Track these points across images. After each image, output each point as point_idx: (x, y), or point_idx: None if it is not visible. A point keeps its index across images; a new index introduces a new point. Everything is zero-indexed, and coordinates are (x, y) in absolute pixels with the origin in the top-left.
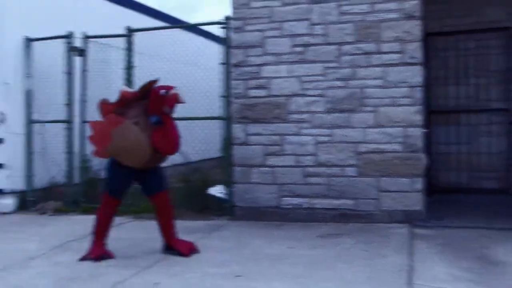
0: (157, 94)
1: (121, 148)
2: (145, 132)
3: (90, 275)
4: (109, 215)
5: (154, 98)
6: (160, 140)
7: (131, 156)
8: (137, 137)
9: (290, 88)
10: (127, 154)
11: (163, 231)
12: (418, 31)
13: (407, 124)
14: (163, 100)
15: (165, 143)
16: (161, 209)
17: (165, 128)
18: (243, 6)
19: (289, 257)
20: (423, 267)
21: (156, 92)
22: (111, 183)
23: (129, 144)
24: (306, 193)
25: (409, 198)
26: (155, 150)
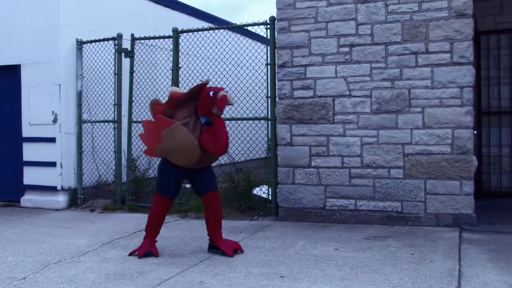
0: (207, 95)
1: (172, 149)
2: (194, 132)
3: (137, 272)
4: (160, 214)
5: (203, 99)
6: (209, 141)
7: (182, 156)
8: (186, 138)
9: (336, 88)
10: (178, 155)
11: (210, 230)
12: (469, 29)
13: (456, 125)
14: (212, 101)
15: (213, 144)
16: (210, 209)
17: (214, 129)
18: (288, 7)
19: (334, 259)
20: (473, 274)
21: (206, 93)
22: (162, 184)
23: (179, 145)
24: (352, 194)
25: (458, 201)
26: (204, 150)
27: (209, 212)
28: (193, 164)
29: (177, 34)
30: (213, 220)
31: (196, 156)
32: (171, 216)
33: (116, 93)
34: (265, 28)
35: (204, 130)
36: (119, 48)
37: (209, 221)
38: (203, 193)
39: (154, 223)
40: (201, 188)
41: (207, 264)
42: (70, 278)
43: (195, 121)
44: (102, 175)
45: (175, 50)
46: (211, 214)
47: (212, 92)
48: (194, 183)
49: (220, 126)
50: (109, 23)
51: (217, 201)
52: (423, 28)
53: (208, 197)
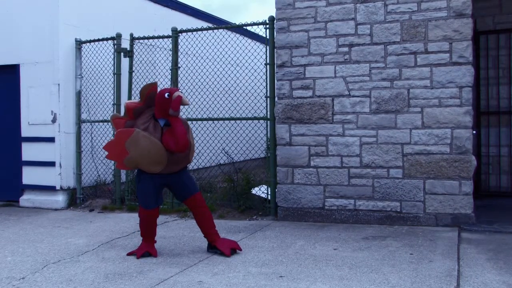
0: (162, 97)
1: (139, 157)
2: (155, 135)
3: (137, 272)
4: (150, 223)
5: (158, 102)
6: (169, 140)
7: (151, 162)
8: (148, 142)
9: (335, 88)
10: (147, 161)
11: (204, 232)
12: (468, 29)
13: (455, 125)
14: (167, 102)
15: (173, 143)
16: (197, 211)
17: (172, 128)
18: (287, 7)
19: (333, 259)
20: (472, 274)
21: (161, 95)
22: (142, 195)
23: (144, 151)
24: (351, 194)
25: (457, 201)
26: (169, 150)
27: (197, 215)
28: (165, 167)
29: (176, 34)
30: (204, 221)
31: (164, 158)
32: (170, 216)
33: (115, 93)
34: (264, 28)
35: (164, 132)
36: (118, 48)
37: (200, 223)
38: (185, 197)
39: (145, 230)
40: (182, 193)
41: (206, 264)
42: (69, 278)
43: (154, 124)
44: (101, 175)
45: (174, 50)
46: (200, 216)
47: (167, 93)
48: (174, 190)
49: (176, 124)
50: (108, 23)
51: (201, 202)
52: (422, 28)
53: (191, 200)
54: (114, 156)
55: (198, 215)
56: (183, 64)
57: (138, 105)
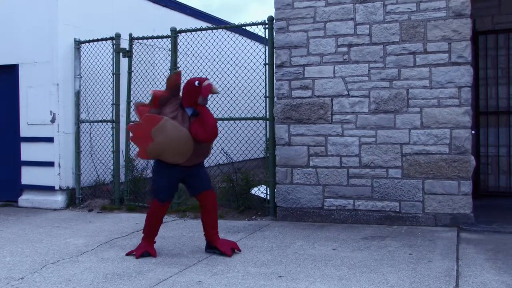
0: (191, 86)
1: (165, 146)
2: (184, 124)
3: (136, 272)
4: (158, 218)
5: (187, 90)
6: (199, 129)
7: (175, 151)
8: (177, 131)
9: (334, 88)
10: (171, 151)
11: (206, 230)
12: (467, 29)
13: (454, 125)
14: (197, 91)
15: (203, 131)
16: (207, 208)
17: (201, 117)
18: (286, 7)
19: (332, 259)
20: (471, 273)
21: (190, 84)
22: (157, 187)
23: (171, 139)
24: (350, 194)
25: (456, 201)
26: (196, 140)
27: (206, 212)
28: (188, 158)
29: (176, 34)
30: (210, 219)
31: (190, 148)
32: (170, 216)
33: (114, 93)
34: (263, 28)
35: (192, 122)
36: (117, 48)
37: (206, 220)
38: (199, 191)
39: (151, 226)
40: (197, 187)
41: (205, 264)
42: (68, 278)
43: (182, 113)
44: (100, 175)
45: (174, 50)
46: (208, 214)
47: (197, 81)
48: (189, 183)
49: (206, 113)
50: (107, 23)
51: (214, 198)
52: (421, 28)
53: (204, 196)
54: (138, 140)
55: (207, 211)
56: (182, 64)
57: (164, 94)
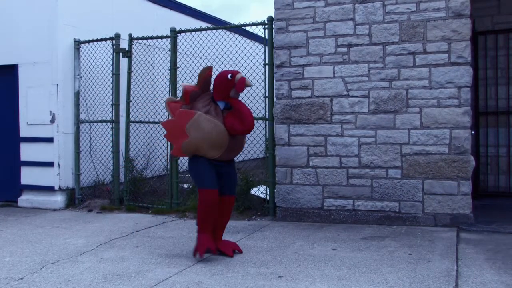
0: (224, 79)
1: (200, 141)
2: (217, 118)
3: (135, 272)
4: (212, 207)
5: (220, 83)
6: (234, 121)
7: (211, 146)
8: (212, 124)
9: (333, 88)
10: (207, 145)
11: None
12: (466, 29)
13: (453, 125)
14: (230, 84)
15: (240, 123)
16: (224, 211)
17: (236, 109)
18: (286, 7)
19: (332, 259)
20: (470, 274)
21: (222, 77)
22: (203, 176)
23: (206, 134)
24: (349, 194)
25: (455, 201)
26: (232, 133)
27: (221, 214)
28: (224, 152)
29: (175, 34)
30: (221, 221)
31: (226, 142)
32: (169, 216)
33: (114, 93)
34: (263, 28)
35: (226, 115)
36: (117, 48)
37: (217, 221)
38: (225, 194)
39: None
40: (225, 188)
41: (204, 264)
42: (67, 278)
43: (215, 107)
44: (99, 175)
45: (173, 50)
46: (222, 216)
47: (230, 74)
48: (222, 181)
49: (240, 104)
50: (107, 23)
51: (232, 206)
52: (421, 28)
53: (227, 200)
54: (172, 137)
55: (222, 214)
56: (181, 64)
57: (195, 89)
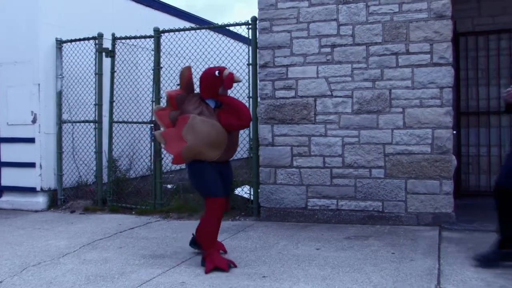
0: (211, 76)
1: (199, 144)
2: (212, 118)
3: (119, 273)
4: (220, 218)
5: (207, 81)
6: (230, 118)
7: (211, 147)
8: (208, 125)
9: (317, 89)
10: (207, 148)
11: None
12: (448, 31)
13: (436, 125)
14: (217, 81)
15: (236, 118)
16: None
17: (229, 105)
18: (270, 7)
19: (316, 259)
20: (452, 272)
21: (209, 74)
22: (209, 184)
23: (204, 135)
24: (333, 194)
25: (438, 200)
26: (230, 129)
27: None
28: (224, 152)
29: (159, 34)
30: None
31: (225, 141)
32: (153, 217)
33: (97, 93)
34: (246, 28)
35: (218, 113)
36: (100, 48)
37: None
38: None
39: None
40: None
41: (188, 265)
42: (49, 281)
43: (207, 107)
44: (82, 176)
45: (157, 50)
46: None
47: (217, 71)
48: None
49: (232, 100)
50: (90, 23)
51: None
52: (404, 29)
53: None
54: (171, 147)
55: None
56: (165, 64)
57: (179, 92)
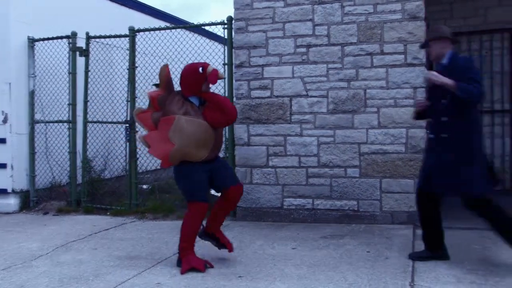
0: (194, 72)
1: (187, 144)
2: (198, 117)
3: (93, 275)
4: (200, 222)
5: (189, 78)
6: (215, 114)
7: (199, 146)
8: (195, 124)
9: (293, 88)
10: (195, 148)
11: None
12: (421, 32)
13: (410, 125)
14: (201, 78)
15: (220, 115)
16: (230, 202)
17: (214, 101)
18: (245, 7)
19: (292, 258)
20: (426, 269)
21: (192, 70)
22: (195, 187)
23: (191, 136)
24: (309, 194)
25: (412, 199)
26: (216, 126)
27: (227, 205)
28: (211, 150)
29: (134, 33)
30: (225, 213)
31: (212, 139)
32: (128, 218)
33: (71, 92)
34: (222, 28)
35: (203, 111)
36: (74, 47)
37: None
38: (230, 184)
39: (194, 233)
40: (227, 179)
41: (164, 265)
42: (21, 284)
43: (191, 106)
44: (56, 177)
45: (132, 49)
46: (229, 207)
47: (201, 67)
48: (217, 178)
49: (216, 96)
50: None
51: (241, 195)
52: (378, 30)
53: (234, 190)
54: (157, 150)
55: (228, 205)
56: (140, 63)
57: (160, 92)
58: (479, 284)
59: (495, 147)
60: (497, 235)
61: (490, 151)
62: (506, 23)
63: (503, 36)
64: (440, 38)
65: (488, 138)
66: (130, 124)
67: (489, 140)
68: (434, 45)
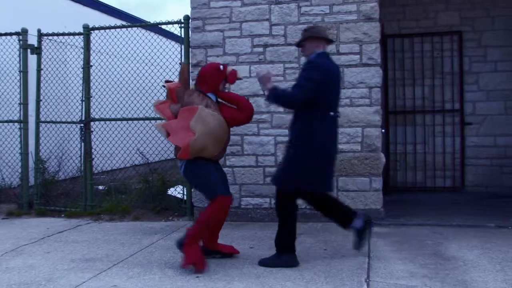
0: (216, 70)
1: (207, 137)
2: (217, 111)
3: (45, 280)
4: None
5: (210, 75)
6: (233, 111)
7: (217, 141)
8: (216, 118)
9: (250, 88)
10: (213, 141)
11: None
12: (376, 32)
13: (365, 124)
14: (222, 76)
15: (240, 113)
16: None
17: (229, 99)
18: (202, 6)
19: (250, 257)
20: (380, 265)
21: (213, 68)
22: (213, 183)
23: (212, 128)
24: (266, 193)
25: (367, 197)
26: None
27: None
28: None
29: (88, 31)
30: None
31: (226, 136)
32: (83, 219)
33: (22, 91)
34: (179, 27)
35: (221, 107)
36: (24, 44)
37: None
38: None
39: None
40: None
41: (121, 267)
42: None
43: (211, 101)
44: (6, 179)
45: (86, 47)
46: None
47: (221, 66)
48: None
49: (232, 94)
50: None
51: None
52: (334, 30)
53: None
54: (177, 138)
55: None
56: (95, 62)
57: (179, 85)
58: (430, 277)
59: (446, 146)
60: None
61: (441, 150)
62: (453, 26)
63: (452, 38)
64: (314, 38)
65: (439, 137)
66: (85, 124)
67: (440, 139)
68: (307, 44)
